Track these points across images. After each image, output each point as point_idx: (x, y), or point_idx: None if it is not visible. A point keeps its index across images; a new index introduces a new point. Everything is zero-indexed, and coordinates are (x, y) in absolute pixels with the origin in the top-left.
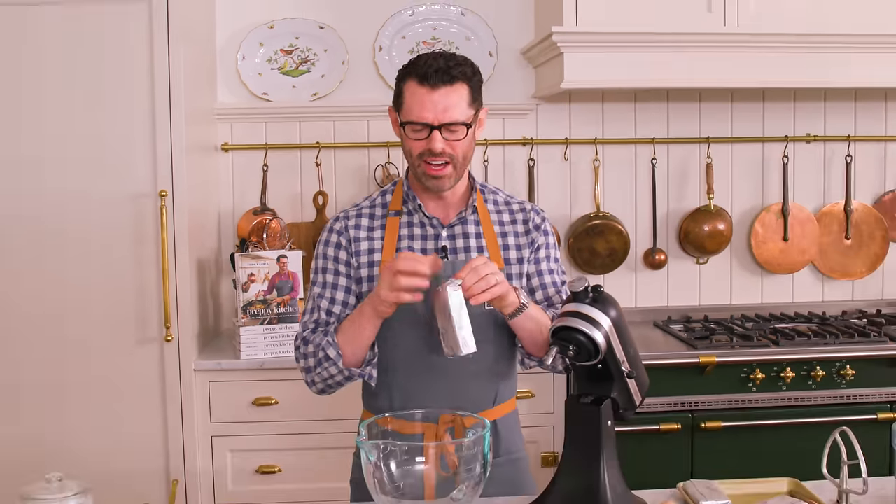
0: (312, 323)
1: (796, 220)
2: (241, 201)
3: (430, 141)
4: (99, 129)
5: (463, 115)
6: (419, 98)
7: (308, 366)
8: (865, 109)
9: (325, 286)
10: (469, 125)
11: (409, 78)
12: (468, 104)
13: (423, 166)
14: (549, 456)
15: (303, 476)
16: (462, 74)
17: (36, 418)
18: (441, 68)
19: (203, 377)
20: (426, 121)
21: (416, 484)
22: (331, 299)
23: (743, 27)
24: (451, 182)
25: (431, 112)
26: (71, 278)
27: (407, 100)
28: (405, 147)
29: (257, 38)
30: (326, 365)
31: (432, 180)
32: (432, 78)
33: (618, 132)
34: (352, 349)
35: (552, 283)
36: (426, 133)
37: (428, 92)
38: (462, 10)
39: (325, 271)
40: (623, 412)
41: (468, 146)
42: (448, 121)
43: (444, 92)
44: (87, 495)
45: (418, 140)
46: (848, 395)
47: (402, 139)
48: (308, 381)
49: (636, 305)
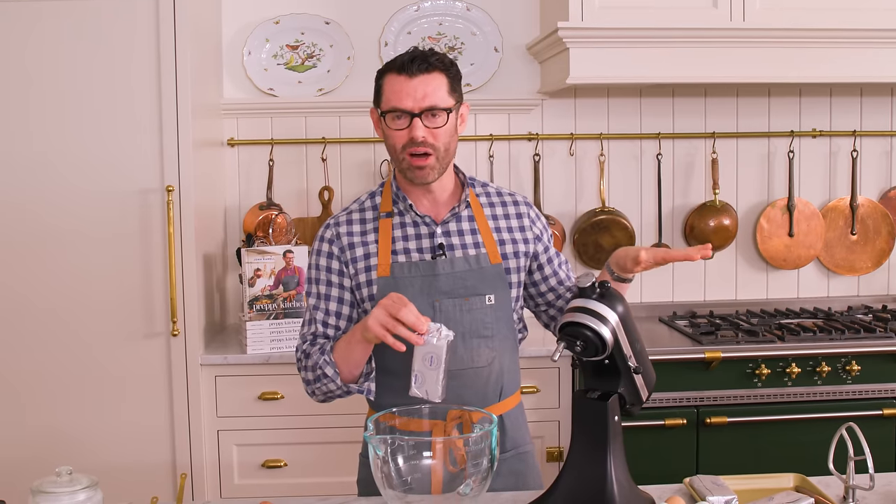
0: (310, 335)
1: (802, 216)
2: (247, 196)
3: (412, 129)
4: (105, 125)
5: (442, 102)
6: (398, 87)
7: (308, 378)
8: (871, 104)
9: (320, 297)
10: (449, 111)
11: (387, 73)
12: (447, 92)
13: (407, 159)
14: (554, 451)
15: (308, 470)
16: (439, 63)
17: (44, 412)
18: (418, 57)
19: (209, 371)
20: (406, 107)
21: (423, 478)
22: (325, 311)
23: (749, 22)
24: (435, 174)
25: (411, 99)
26: (78, 273)
27: (386, 91)
28: (388, 143)
29: (263, 34)
30: (325, 381)
31: (416, 171)
32: (408, 67)
33: (623, 127)
34: (347, 368)
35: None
36: (407, 121)
37: (406, 80)
38: (467, 6)
39: (318, 282)
40: (630, 407)
41: (450, 137)
42: (428, 105)
43: (423, 79)
44: (96, 488)
45: (399, 130)
46: (853, 391)
47: (385, 135)
48: (308, 391)
49: (641, 301)
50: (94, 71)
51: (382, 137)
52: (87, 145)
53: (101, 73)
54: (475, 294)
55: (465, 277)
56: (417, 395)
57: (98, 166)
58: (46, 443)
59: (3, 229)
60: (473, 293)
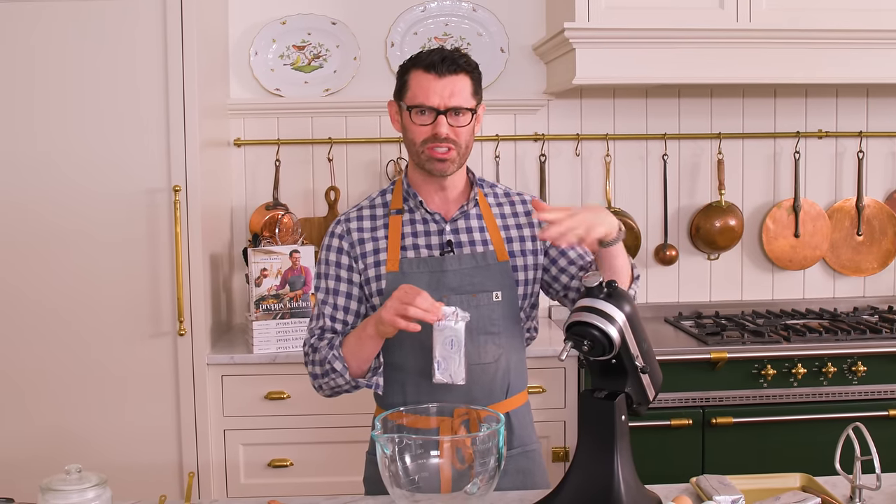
0: (318, 330)
1: (808, 216)
2: (254, 196)
3: (436, 126)
4: (113, 125)
5: (467, 103)
6: (425, 84)
7: (315, 373)
8: (877, 105)
9: (328, 292)
10: (473, 111)
11: (414, 69)
12: (471, 94)
13: (427, 151)
14: (560, 451)
15: (314, 470)
16: (467, 65)
17: (52, 412)
18: (447, 57)
19: (216, 371)
20: (433, 105)
21: (430, 477)
22: (334, 305)
23: (755, 23)
24: (454, 168)
25: (438, 97)
26: (85, 274)
27: (413, 87)
28: (408, 136)
29: (270, 34)
30: (333, 376)
31: (436, 163)
32: (438, 67)
33: (629, 128)
34: (356, 362)
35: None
36: (432, 118)
37: (435, 79)
38: (474, 6)
39: (327, 277)
40: (637, 407)
41: (470, 135)
42: (454, 105)
43: (450, 79)
44: (105, 487)
45: (423, 126)
46: (859, 392)
47: (406, 128)
48: (315, 386)
49: (647, 301)
50: (105, 72)
51: (400, 130)
52: (94, 146)
53: (109, 73)
54: (482, 290)
55: (472, 274)
56: (442, 381)
57: (106, 167)
58: (54, 442)
59: (12, 230)
60: (480, 290)
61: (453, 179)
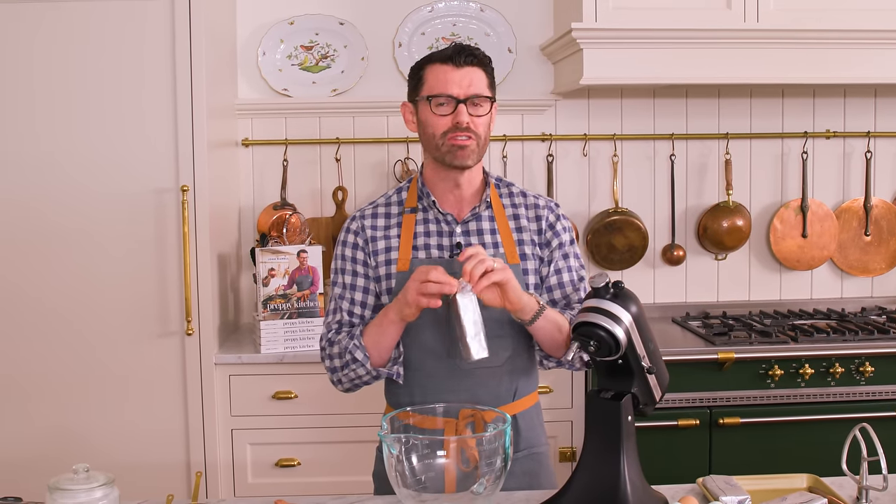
0: (336, 324)
1: (815, 217)
2: (262, 196)
3: (457, 115)
4: (121, 125)
5: (485, 92)
6: (443, 76)
7: (334, 366)
8: (885, 105)
9: (345, 287)
10: (492, 100)
11: (429, 64)
12: (487, 86)
13: (448, 142)
14: (567, 451)
15: (322, 469)
16: (483, 57)
17: (59, 412)
18: (463, 49)
19: (223, 371)
20: (452, 93)
21: (437, 477)
22: (351, 300)
23: (762, 23)
24: (474, 158)
25: (457, 86)
26: (93, 273)
27: (430, 80)
28: (428, 130)
29: (278, 34)
30: (354, 367)
31: (457, 151)
32: (456, 58)
33: (636, 128)
34: (377, 351)
35: (570, 282)
36: (452, 107)
37: (453, 69)
38: (481, 7)
39: (343, 272)
40: (643, 407)
41: (487, 127)
42: (473, 93)
43: (468, 70)
44: (112, 486)
45: (443, 116)
46: (867, 392)
47: (424, 123)
48: (334, 380)
49: (654, 301)
50: (110, 72)
51: (416, 130)
52: (102, 146)
53: (117, 73)
54: None
55: None
56: (478, 357)
57: (113, 166)
58: (62, 442)
59: (20, 232)
60: None
61: (469, 176)
